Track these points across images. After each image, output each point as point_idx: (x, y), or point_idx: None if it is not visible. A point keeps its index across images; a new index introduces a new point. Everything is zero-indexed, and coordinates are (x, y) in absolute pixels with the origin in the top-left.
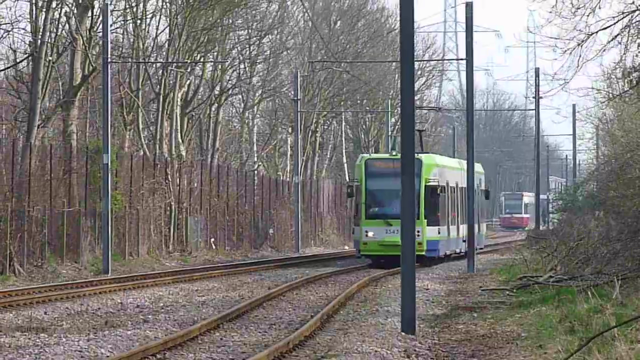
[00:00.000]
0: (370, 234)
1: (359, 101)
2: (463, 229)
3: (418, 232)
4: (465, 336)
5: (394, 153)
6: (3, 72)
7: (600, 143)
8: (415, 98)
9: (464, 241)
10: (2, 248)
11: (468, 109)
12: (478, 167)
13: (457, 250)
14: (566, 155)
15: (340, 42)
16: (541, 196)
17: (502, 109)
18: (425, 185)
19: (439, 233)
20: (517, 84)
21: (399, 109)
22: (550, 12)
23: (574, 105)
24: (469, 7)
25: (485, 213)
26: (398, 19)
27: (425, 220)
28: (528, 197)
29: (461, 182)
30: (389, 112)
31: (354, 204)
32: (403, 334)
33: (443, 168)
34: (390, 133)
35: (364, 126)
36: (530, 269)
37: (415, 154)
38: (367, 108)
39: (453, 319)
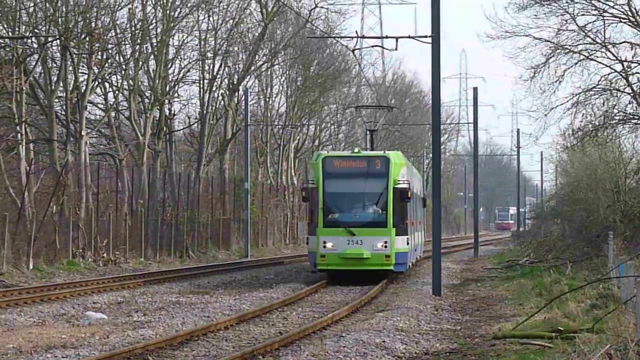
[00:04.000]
0: (329, 244)
1: (406, 150)
2: (418, 237)
3: (386, 243)
4: (472, 297)
5: (356, 150)
6: (182, 130)
7: (558, 176)
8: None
9: (416, 250)
10: (182, 241)
11: (474, 155)
12: (419, 175)
13: (413, 261)
14: (536, 184)
15: (394, 112)
16: (521, 209)
17: (496, 154)
18: (394, 188)
19: (407, 243)
20: (505, 138)
21: (431, 154)
22: (526, 92)
23: (541, 153)
24: (475, 90)
25: (424, 220)
26: (431, 97)
27: (394, 229)
28: (513, 210)
29: (415, 185)
30: (424, 156)
31: (309, 210)
32: (433, 296)
33: (410, 169)
34: (425, 170)
35: None
36: (513, 255)
37: (382, 152)
38: (409, 153)
39: (465, 287)
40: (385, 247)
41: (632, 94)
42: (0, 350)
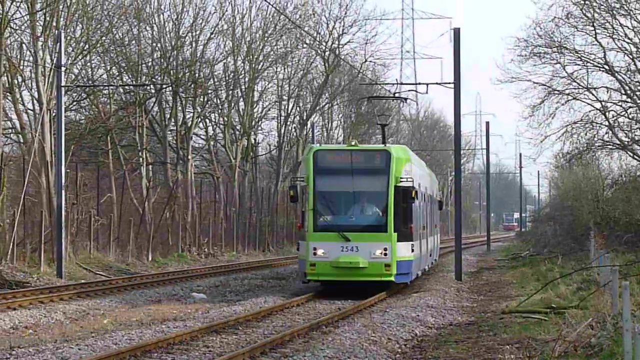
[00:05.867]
0: (320, 251)
1: (434, 170)
2: (432, 242)
3: (385, 250)
4: (486, 282)
5: (353, 143)
6: (264, 155)
7: (551, 189)
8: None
9: (430, 255)
10: (264, 239)
11: (487, 173)
12: (434, 177)
13: (426, 268)
14: (535, 195)
15: (424, 139)
16: (523, 214)
17: (503, 172)
18: (396, 186)
19: (412, 251)
20: (510, 160)
21: (454, 173)
22: (527, 125)
23: (538, 171)
24: (487, 124)
25: (439, 223)
26: (453, 129)
27: (396, 234)
28: (516, 215)
29: (429, 187)
30: (448, 174)
31: (300, 212)
32: (456, 280)
33: (417, 165)
34: (449, 185)
35: None
36: (517, 249)
37: (382, 145)
38: (437, 171)
39: (480, 274)
40: (385, 254)
41: (608, 126)
42: (126, 322)
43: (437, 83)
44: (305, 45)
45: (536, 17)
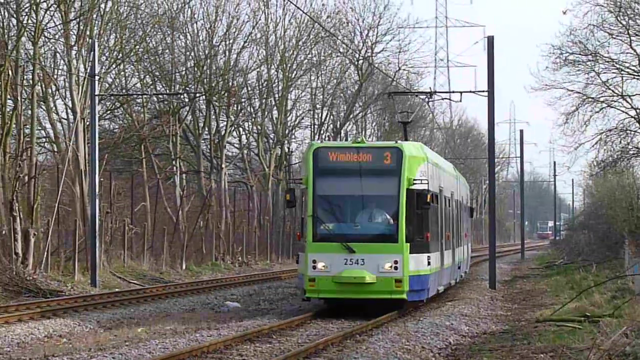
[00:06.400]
0: (320, 265)
1: (468, 178)
2: (460, 253)
3: (396, 263)
4: (520, 290)
5: (359, 140)
6: (297, 164)
7: (585, 197)
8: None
9: (459, 267)
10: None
11: (521, 181)
12: (463, 180)
13: (452, 282)
14: (569, 203)
15: (458, 147)
16: (557, 222)
17: (537, 181)
18: (409, 189)
19: (428, 264)
20: (544, 169)
21: (488, 181)
22: (561, 132)
23: (572, 179)
24: (521, 132)
25: (469, 232)
26: (487, 138)
27: (408, 245)
28: (551, 223)
29: (456, 191)
30: (482, 182)
31: (300, 219)
32: (490, 289)
33: (435, 167)
34: (482, 193)
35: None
36: (551, 258)
37: (393, 142)
38: (470, 180)
39: (514, 282)
40: (396, 268)
41: None
42: (160, 331)
43: (470, 91)
44: (338, 54)
45: (570, 24)
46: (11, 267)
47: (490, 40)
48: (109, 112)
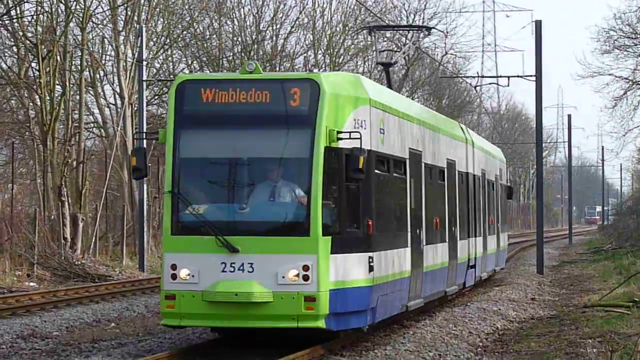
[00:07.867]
0: (183, 272)
1: (515, 163)
2: (493, 242)
3: (306, 269)
4: (568, 275)
5: (250, 68)
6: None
7: (634, 182)
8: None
9: (472, 266)
10: None
11: (569, 166)
12: (498, 153)
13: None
14: (617, 188)
15: (505, 132)
16: (605, 207)
17: (585, 166)
18: (329, 148)
19: (370, 269)
20: (592, 153)
21: (535, 166)
22: (609, 117)
23: (621, 164)
24: (569, 117)
25: (506, 217)
26: (535, 122)
27: (328, 239)
28: (599, 208)
29: (484, 164)
30: (530, 167)
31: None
32: (537, 274)
33: (391, 115)
34: (530, 178)
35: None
36: (599, 243)
37: (306, 73)
38: (519, 165)
39: (561, 267)
40: (306, 278)
41: None
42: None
43: (518, 76)
44: (385, 39)
45: (618, 8)
46: (60, 252)
47: (538, 25)
48: (156, 97)
